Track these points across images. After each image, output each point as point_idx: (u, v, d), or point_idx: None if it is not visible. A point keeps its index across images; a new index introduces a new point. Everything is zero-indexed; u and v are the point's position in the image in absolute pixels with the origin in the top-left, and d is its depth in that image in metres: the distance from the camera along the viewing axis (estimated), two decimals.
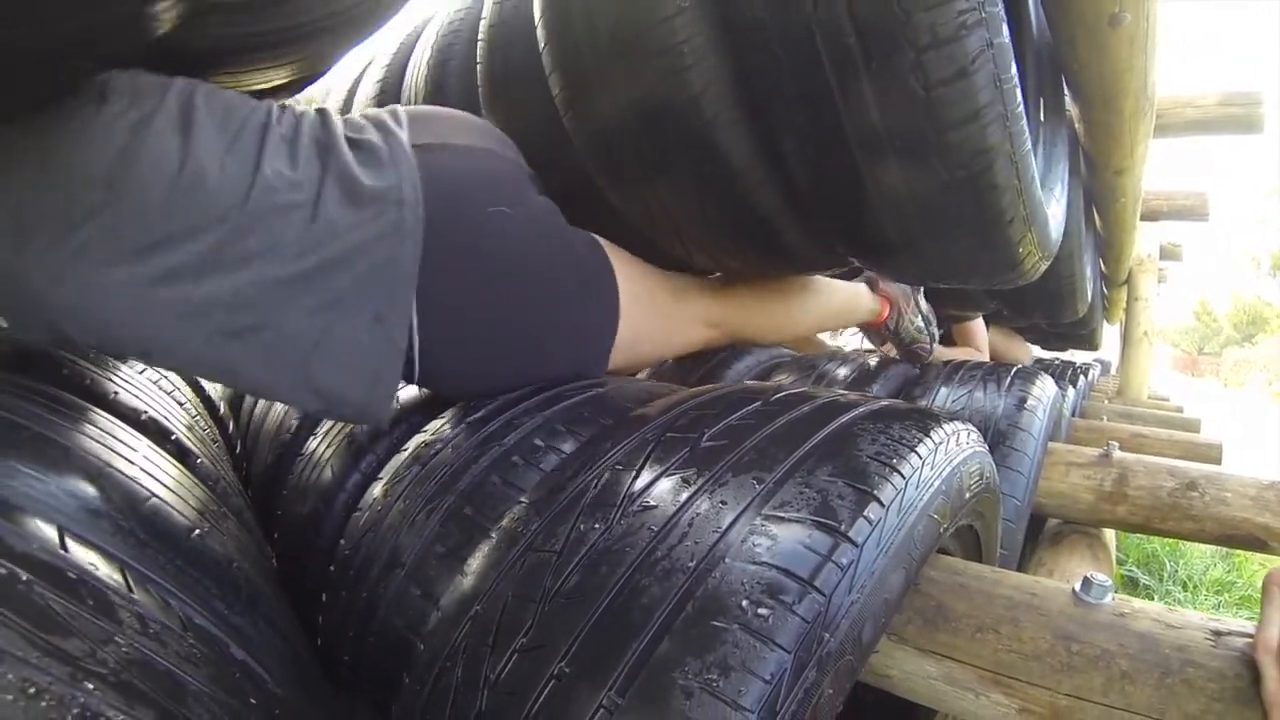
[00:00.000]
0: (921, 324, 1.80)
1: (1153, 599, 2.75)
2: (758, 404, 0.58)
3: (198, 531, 0.58)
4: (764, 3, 0.74)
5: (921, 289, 1.83)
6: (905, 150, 0.76)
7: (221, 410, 1.44)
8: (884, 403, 0.60)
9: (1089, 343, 4.17)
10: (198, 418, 1.21)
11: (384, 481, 0.78)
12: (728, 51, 0.80)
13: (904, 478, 0.48)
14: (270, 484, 1.11)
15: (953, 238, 0.86)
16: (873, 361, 1.72)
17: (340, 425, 1.00)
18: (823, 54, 0.73)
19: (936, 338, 1.88)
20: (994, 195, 0.79)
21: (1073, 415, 2.58)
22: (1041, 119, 1.42)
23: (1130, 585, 2.86)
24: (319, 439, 1.01)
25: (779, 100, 0.80)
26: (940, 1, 0.67)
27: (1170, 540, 2.66)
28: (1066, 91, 1.56)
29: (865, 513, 0.43)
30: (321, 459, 0.97)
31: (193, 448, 0.89)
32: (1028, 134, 0.80)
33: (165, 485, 0.61)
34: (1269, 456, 7.10)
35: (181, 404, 1.16)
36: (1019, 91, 0.76)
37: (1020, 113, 0.76)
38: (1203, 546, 2.84)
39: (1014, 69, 0.74)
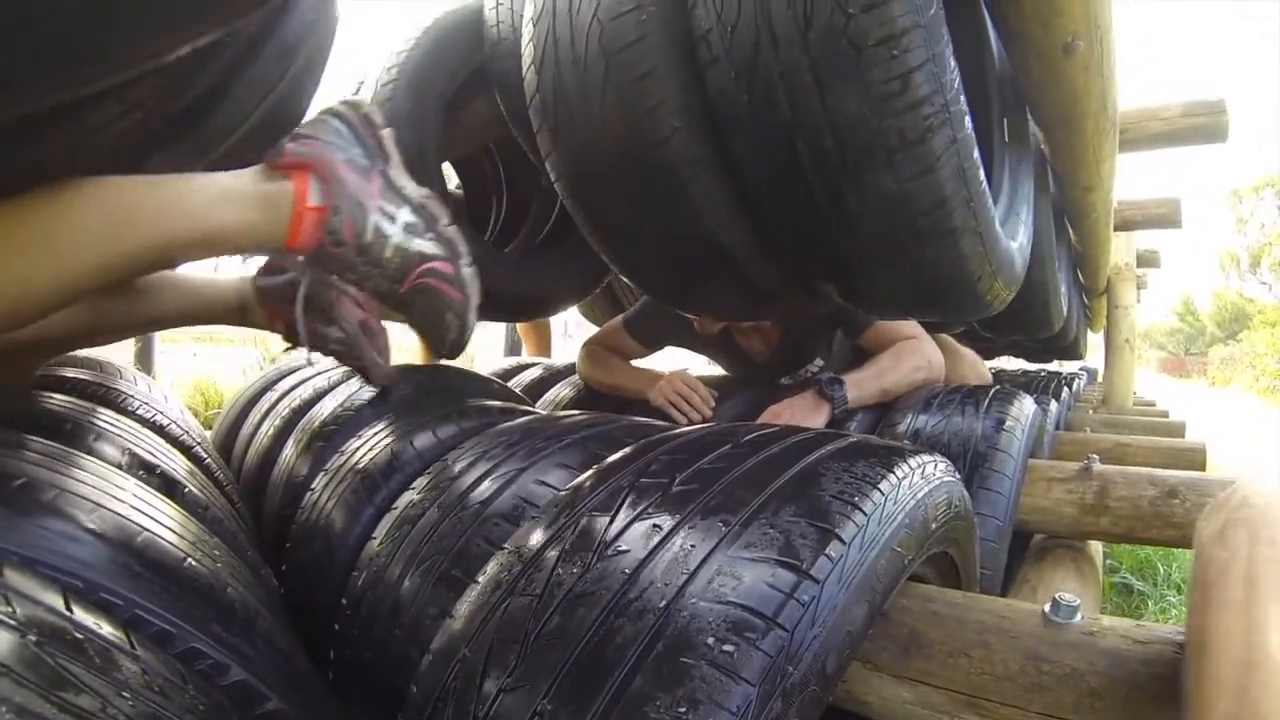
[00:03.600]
0: (423, 242, 0.91)
1: (1147, 604, 2.76)
2: (728, 446, 0.60)
3: (190, 560, 0.61)
4: (748, 109, 0.82)
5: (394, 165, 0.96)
6: (880, 233, 0.86)
7: (207, 443, 1.46)
8: (852, 440, 0.62)
9: (1071, 353, 4.22)
10: (184, 442, 1.25)
11: (378, 540, 0.82)
12: (722, 161, 0.90)
13: (866, 515, 0.50)
14: (281, 522, 1.15)
15: (925, 293, 0.97)
16: None
17: (343, 475, 1.03)
18: (804, 159, 0.82)
19: (467, 283, 0.98)
20: (962, 264, 0.89)
21: (1056, 428, 2.61)
22: (1005, 140, 1.46)
23: (1125, 592, 2.88)
24: (319, 491, 1.05)
25: (773, 201, 0.91)
26: (907, 107, 0.75)
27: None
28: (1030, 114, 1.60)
29: (827, 550, 0.46)
30: (325, 507, 1.00)
31: (180, 479, 0.91)
32: (992, 209, 0.91)
33: (155, 519, 0.64)
34: (1259, 454, 7.16)
35: (164, 432, 1.19)
36: (982, 174, 0.86)
37: (984, 191, 0.87)
38: None
39: (976, 155, 0.84)
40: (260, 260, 1.09)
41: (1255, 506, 0.51)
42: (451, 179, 2.72)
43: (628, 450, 0.66)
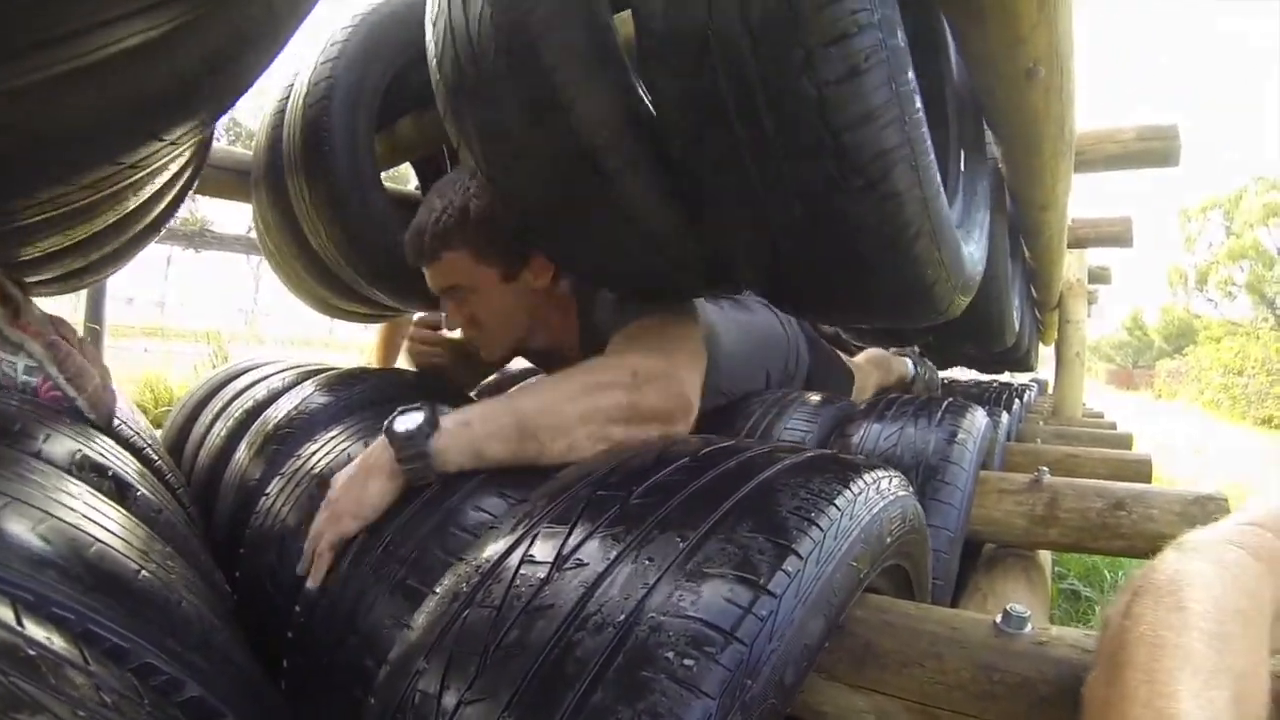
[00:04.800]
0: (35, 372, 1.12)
1: (1094, 610, 2.83)
2: (686, 460, 0.61)
3: (144, 572, 0.60)
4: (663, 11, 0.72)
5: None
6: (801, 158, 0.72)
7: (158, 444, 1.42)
8: (808, 455, 0.63)
9: (1023, 366, 4.30)
10: (134, 443, 1.22)
11: None
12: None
13: (822, 530, 0.51)
14: (233, 527, 1.13)
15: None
16: None
17: (299, 480, 1.02)
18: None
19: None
20: (895, 203, 0.74)
21: (1007, 439, 2.65)
22: (962, 169, 1.48)
23: (1073, 599, 2.94)
24: (273, 497, 1.03)
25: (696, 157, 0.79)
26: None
27: None
28: (990, 134, 1.63)
29: (784, 566, 0.47)
30: (280, 512, 0.99)
31: (131, 482, 0.89)
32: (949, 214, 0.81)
33: (108, 529, 0.62)
34: (1205, 464, 7.39)
35: (113, 431, 1.17)
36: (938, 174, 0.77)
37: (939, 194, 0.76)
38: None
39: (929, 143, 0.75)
40: None
41: (1161, 573, 0.50)
42: (411, 179, 2.70)
43: (586, 462, 0.66)
